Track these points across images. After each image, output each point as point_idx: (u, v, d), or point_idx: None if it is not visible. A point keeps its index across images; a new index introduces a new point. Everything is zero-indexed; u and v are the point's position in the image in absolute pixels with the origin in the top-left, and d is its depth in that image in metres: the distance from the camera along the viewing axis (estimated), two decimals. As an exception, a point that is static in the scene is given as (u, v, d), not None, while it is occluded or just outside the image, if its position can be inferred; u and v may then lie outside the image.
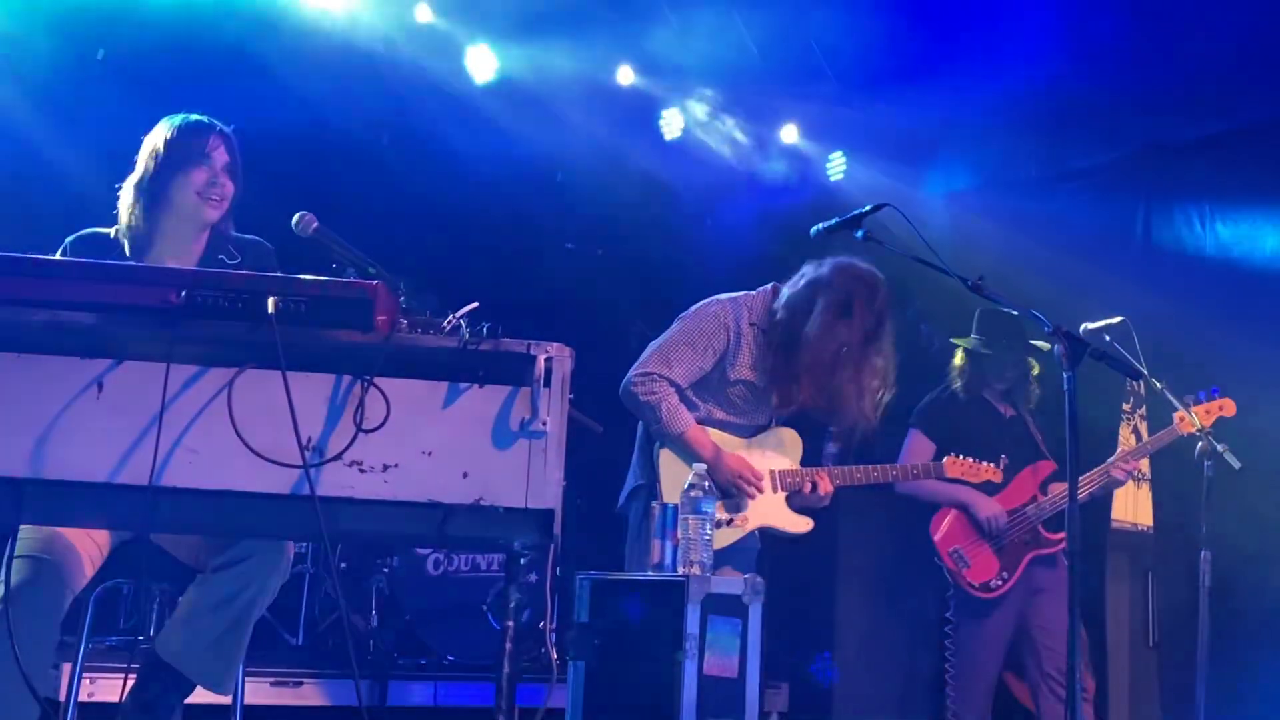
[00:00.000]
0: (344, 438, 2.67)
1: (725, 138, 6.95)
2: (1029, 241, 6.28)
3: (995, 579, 4.88)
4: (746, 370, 4.16)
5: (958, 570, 4.91)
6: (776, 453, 4.29)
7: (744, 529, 4.20)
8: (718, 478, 4.05)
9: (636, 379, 4.11)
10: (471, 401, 2.73)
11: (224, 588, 3.26)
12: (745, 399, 4.21)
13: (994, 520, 4.87)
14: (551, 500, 2.72)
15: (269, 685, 4.89)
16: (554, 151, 6.57)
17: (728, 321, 4.15)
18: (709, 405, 4.20)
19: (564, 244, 6.89)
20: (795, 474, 4.27)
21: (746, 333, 4.16)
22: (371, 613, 5.44)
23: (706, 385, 4.19)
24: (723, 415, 4.22)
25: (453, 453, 2.70)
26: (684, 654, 3.28)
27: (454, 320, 2.76)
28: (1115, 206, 6.38)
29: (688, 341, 4.13)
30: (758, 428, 4.29)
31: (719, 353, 4.14)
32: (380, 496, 2.69)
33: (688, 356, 4.12)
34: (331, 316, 2.67)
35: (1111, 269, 6.22)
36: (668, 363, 4.11)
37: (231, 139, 3.54)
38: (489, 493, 2.70)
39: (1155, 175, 6.23)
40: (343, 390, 2.70)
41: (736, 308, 4.19)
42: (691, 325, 4.17)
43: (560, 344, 2.78)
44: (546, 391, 2.74)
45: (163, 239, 3.49)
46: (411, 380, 2.73)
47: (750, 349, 4.16)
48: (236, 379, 2.67)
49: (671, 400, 4.08)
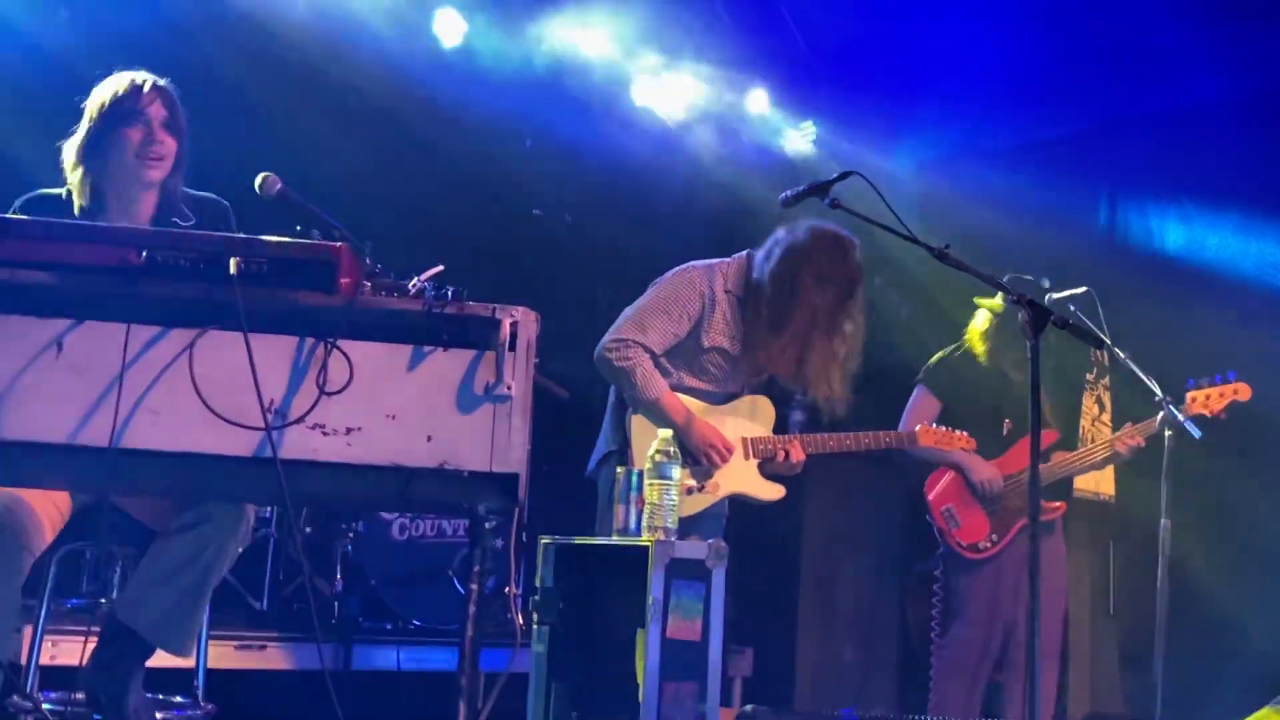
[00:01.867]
0: (306, 400, 2.66)
1: (694, 105, 6.92)
2: (995, 212, 6.30)
3: (985, 540, 4.92)
4: (721, 337, 4.17)
5: (947, 529, 4.95)
6: (749, 420, 4.29)
7: (715, 495, 4.21)
8: (689, 444, 4.06)
9: (611, 345, 4.10)
10: (436, 365, 2.72)
11: (184, 550, 3.24)
12: (719, 366, 4.22)
13: (989, 484, 4.90)
14: (516, 464, 2.72)
15: (233, 649, 4.88)
16: (523, 118, 6.52)
17: (703, 288, 4.15)
18: (681, 372, 4.20)
19: (531, 210, 6.85)
20: (767, 441, 4.28)
21: (721, 300, 4.16)
22: (336, 577, 5.42)
23: (680, 352, 4.19)
24: (695, 382, 4.22)
25: (417, 416, 2.70)
26: (648, 618, 3.29)
27: (419, 283, 2.75)
28: (1080, 178, 6.40)
29: (663, 308, 4.13)
30: (730, 395, 4.29)
31: (694, 319, 4.14)
32: (343, 459, 2.68)
33: (662, 323, 4.12)
34: (295, 278, 2.65)
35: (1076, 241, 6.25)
36: (642, 329, 4.10)
37: (169, 93, 3.45)
38: (453, 457, 2.69)
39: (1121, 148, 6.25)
40: (305, 352, 2.69)
41: (711, 274, 4.19)
42: (666, 292, 4.17)
43: (526, 308, 2.77)
44: (511, 355, 2.73)
45: (111, 200, 3.43)
46: (375, 343, 2.71)
47: (725, 316, 4.16)
48: (198, 340, 2.65)
49: (646, 366, 4.08)
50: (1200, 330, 5.56)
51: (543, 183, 6.80)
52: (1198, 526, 5.07)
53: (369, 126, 6.11)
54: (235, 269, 2.61)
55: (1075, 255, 5.94)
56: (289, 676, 4.97)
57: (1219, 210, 5.99)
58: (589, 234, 6.90)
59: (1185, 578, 4.95)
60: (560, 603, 3.61)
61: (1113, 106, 6.28)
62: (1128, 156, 6.28)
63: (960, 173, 6.76)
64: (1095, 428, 5.19)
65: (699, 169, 6.97)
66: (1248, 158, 5.77)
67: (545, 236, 6.85)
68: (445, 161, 6.25)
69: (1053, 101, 6.40)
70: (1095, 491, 5.16)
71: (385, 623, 5.47)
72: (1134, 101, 6.17)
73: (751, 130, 7.11)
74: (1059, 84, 6.30)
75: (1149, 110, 6.17)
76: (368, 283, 2.73)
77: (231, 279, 2.60)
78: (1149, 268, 6.16)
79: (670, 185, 7.09)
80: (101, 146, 3.40)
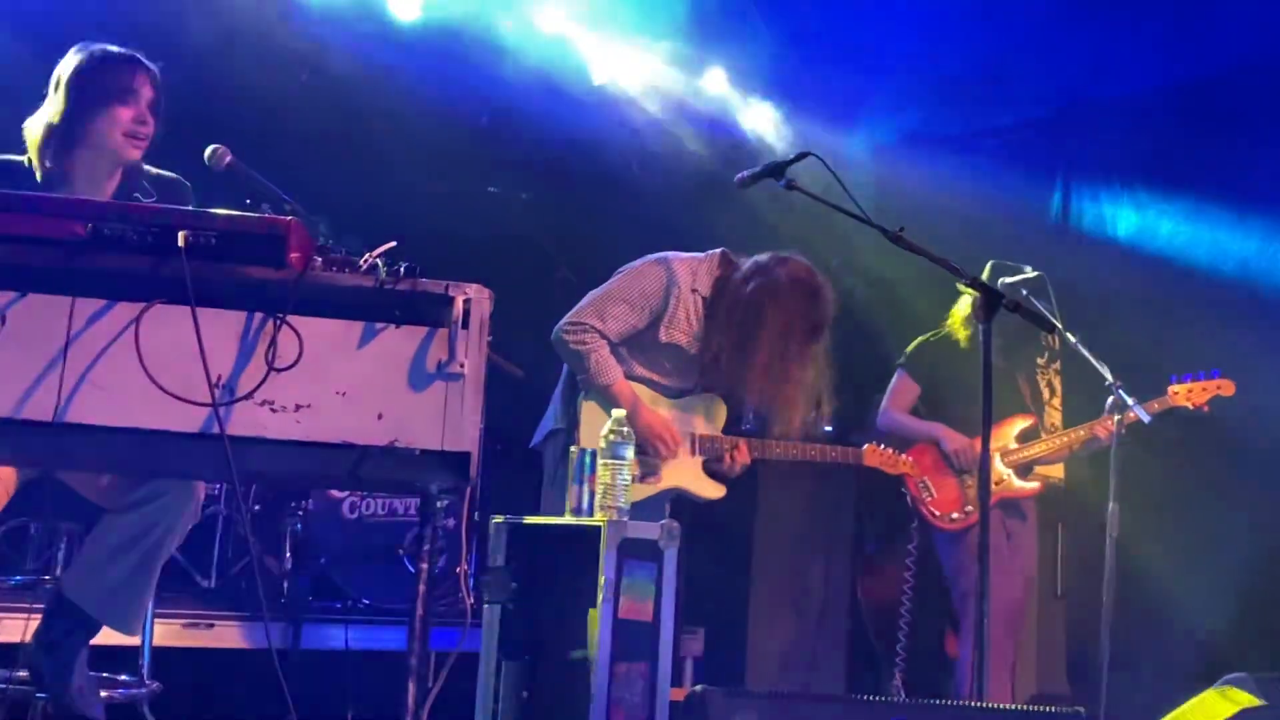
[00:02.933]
0: (255, 376, 2.63)
1: (651, 84, 6.90)
2: (950, 197, 6.33)
3: (958, 511, 4.99)
4: (681, 335, 4.15)
5: (920, 497, 5.02)
6: (699, 417, 4.30)
7: (655, 488, 4.21)
8: (635, 432, 4.05)
9: (569, 327, 4.08)
10: (387, 342, 2.70)
11: (132, 527, 3.21)
12: (673, 361, 4.21)
13: (961, 453, 4.98)
14: (468, 443, 2.70)
15: (180, 627, 4.84)
16: (481, 94, 6.48)
17: (670, 284, 4.13)
18: (635, 361, 4.19)
19: (487, 187, 6.81)
20: (715, 440, 4.29)
21: (687, 298, 4.13)
22: (285, 555, 5.38)
23: (637, 342, 4.18)
24: (648, 373, 4.21)
25: (367, 393, 2.68)
26: (600, 598, 3.29)
27: (371, 259, 2.72)
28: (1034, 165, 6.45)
29: (626, 298, 4.11)
30: (682, 390, 4.29)
31: (655, 313, 4.12)
32: (292, 437, 2.65)
33: (623, 313, 4.10)
34: (244, 252, 2.62)
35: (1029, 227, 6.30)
36: (602, 315, 4.09)
37: (156, 75, 3.42)
38: (404, 435, 2.67)
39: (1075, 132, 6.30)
40: (254, 328, 2.66)
41: (681, 271, 4.16)
42: (632, 282, 4.14)
43: (480, 285, 2.75)
44: (464, 333, 2.71)
45: (77, 175, 3.37)
46: (326, 319, 2.69)
47: (688, 315, 4.14)
48: (144, 314, 2.61)
49: (602, 352, 4.07)
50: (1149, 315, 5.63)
51: (499, 160, 6.76)
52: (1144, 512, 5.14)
53: (323, 101, 6.05)
54: (183, 242, 2.56)
55: (1028, 240, 5.99)
56: (236, 655, 4.93)
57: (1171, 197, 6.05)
58: (545, 212, 6.87)
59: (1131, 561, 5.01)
60: (512, 582, 3.60)
61: (1067, 93, 6.33)
62: (1081, 143, 6.34)
63: (916, 157, 6.79)
64: (1046, 411, 5.25)
65: (656, 148, 6.95)
66: (1200, 145, 5.83)
67: (501, 214, 6.81)
68: (400, 137, 6.19)
69: (1008, 88, 6.44)
70: (1046, 475, 5.21)
71: (334, 602, 5.44)
72: (1088, 87, 6.22)
73: (709, 110, 7.10)
74: (1014, 70, 6.34)
75: (1102, 96, 6.22)
76: (319, 258, 2.70)
77: (179, 252, 2.56)
78: (1101, 253, 6.22)
79: (627, 164, 7.07)
80: (84, 121, 3.32)
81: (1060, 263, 5.34)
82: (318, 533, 5.48)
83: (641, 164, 7.17)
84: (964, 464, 5.00)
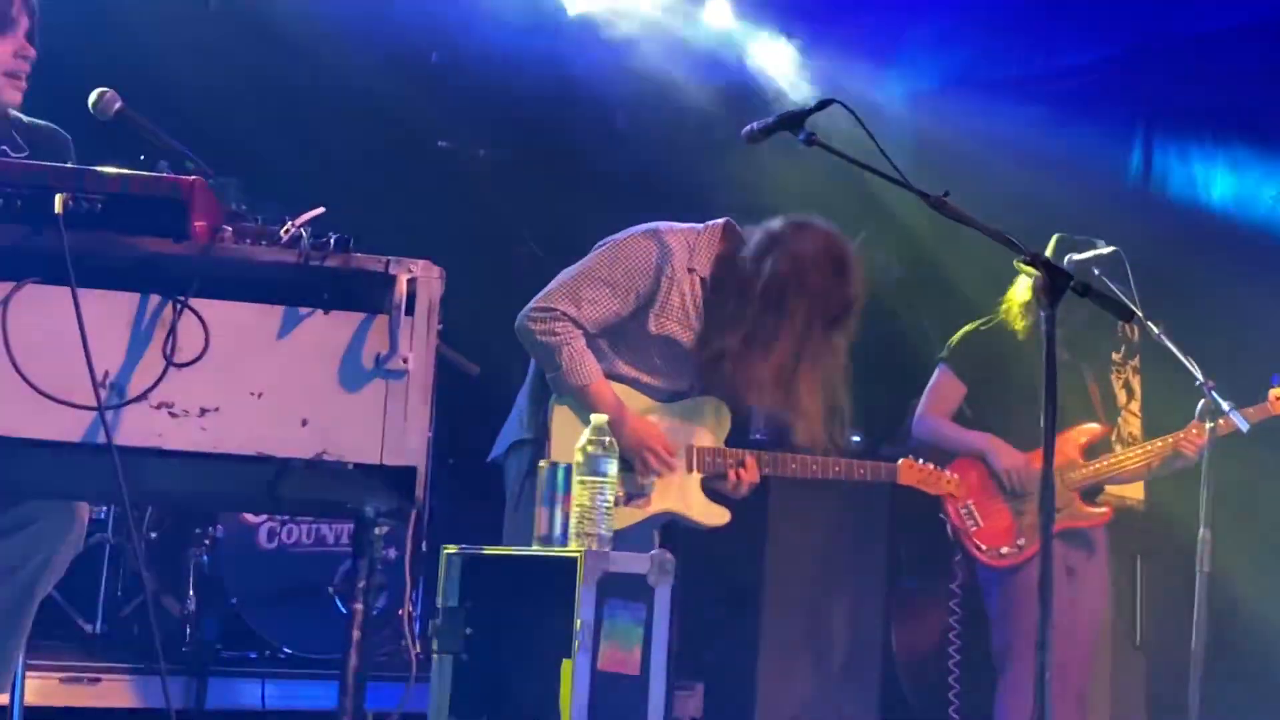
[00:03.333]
0: (151, 373, 2.63)
1: (639, 15, 6.90)
2: (1005, 154, 6.34)
3: (1009, 546, 4.97)
4: (674, 325, 4.14)
5: (963, 527, 5.00)
6: (698, 425, 4.29)
7: (644, 512, 4.20)
8: (620, 444, 4.04)
9: (536, 314, 4.07)
10: (314, 331, 2.70)
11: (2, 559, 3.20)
12: (665, 358, 4.20)
13: (1016, 473, 4.97)
14: (414, 456, 2.71)
15: (58, 682, 4.83)
16: (429, 28, 6.47)
17: (661, 262, 4.11)
18: (619, 358, 4.18)
19: (436, 141, 6.81)
20: (717, 453, 4.28)
21: (683, 279, 4.12)
22: (188, 594, 5.38)
23: (621, 334, 4.17)
24: (633, 372, 4.20)
25: (289, 394, 2.68)
26: (575, 646, 3.29)
27: (293, 229, 2.73)
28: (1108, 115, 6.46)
29: (606, 279, 4.09)
30: (676, 393, 4.28)
31: (642, 298, 4.11)
32: (197, 448, 2.66)
33: (603, 297, 4.08)
34: (136, 220, 2.62)
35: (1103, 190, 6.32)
36: (576, 300, 4.07)
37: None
38: (334, 445, 2.68)
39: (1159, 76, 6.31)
40: (150, 313, 2.66)
41: (675, 246, 4.14)
42: (614, 259, 4.13)
43: (428, 262, 2.76)
44: (409, 320, 2.72)
45: None
46: (238, 303, 2.69)
47: (684, 301, 4.12)
48: (13, 296, 2.61)
49: (577, 345, 4.05)
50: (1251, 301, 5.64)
51: (452, 108, 6.76)
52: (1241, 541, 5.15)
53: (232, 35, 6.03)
54: (61, 207, 2.56)
55: (1101, 208, 6.00)
56: (129, 716, 4.93)
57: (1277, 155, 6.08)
58: (508, 172, 6.87)
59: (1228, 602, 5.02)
60: (467, 627, 3.60)
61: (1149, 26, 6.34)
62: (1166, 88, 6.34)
63: (962, 107, 6.80)
64: (1122, 418, 5.26)
65: (645, 95, 6.95)
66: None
67: (453, 174, 6.80)
68: (330, 79, 6.19)
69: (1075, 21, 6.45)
70: (1120, 495, 5.22)
71: (249, 651, 5.45)
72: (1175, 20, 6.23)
73: (711, 47, 7.10)
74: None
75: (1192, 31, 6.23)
76: (228, 227, 2.70)
77: (56, 220, 2.56)
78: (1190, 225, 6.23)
79: (609, 114, 7.07)
80: None
81: (1140, 236, 5.35)
82: (228, 566, 5.48)
83: (627, 114, 7.17)
84: (1017, 486, 4.98)
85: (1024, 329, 5.10)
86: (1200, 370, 4.72)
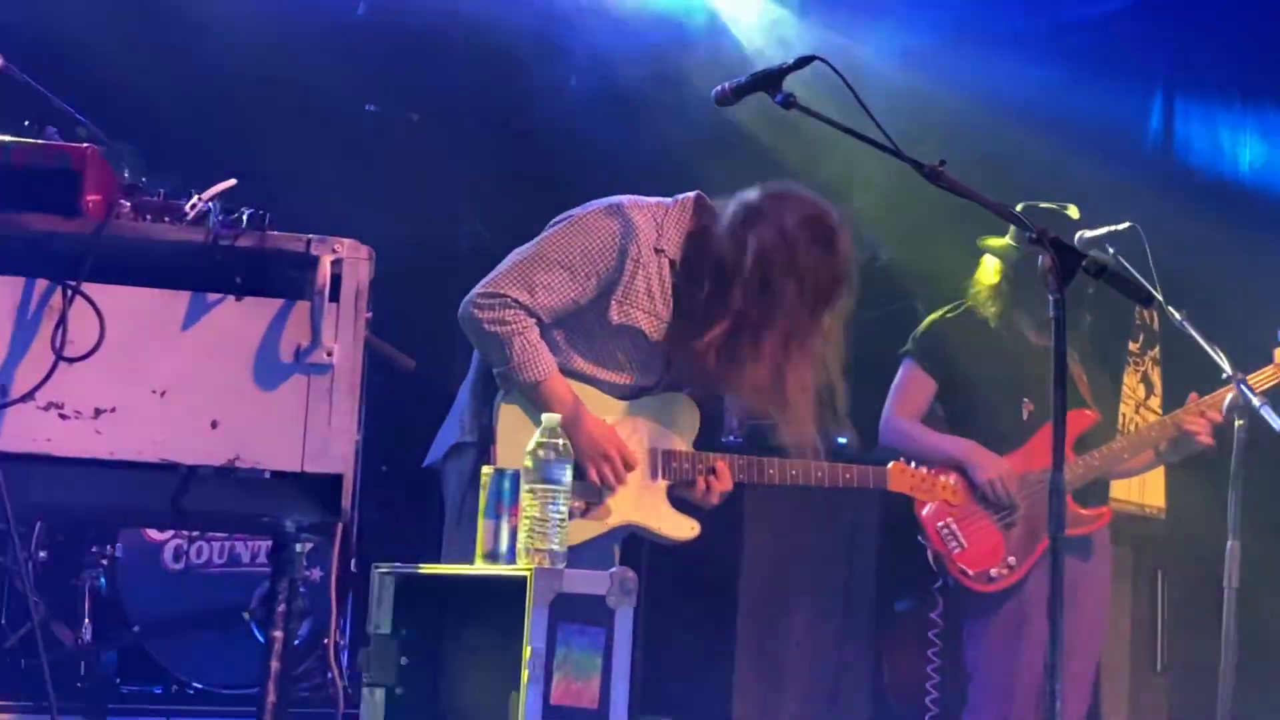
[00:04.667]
0: (38, 369, 2.62)
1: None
2: (1009, 117, 6.36)
3: (999, 566, 4.96)
4: (639, 313, 4.12)
5: (947, 551, 4.99)
6: (663, 426, 4.29)
7: (603, 525, 4.20)
8: (575, 450, 4.04)
9: (483, 300, 4.05)
10: (224, 320, 2.70)
11: None
12: (629, 351, 4.19)
13: (998, 484, 4.95)
14: (339, 463, 2.72)
15: (-66, 723, 4.83)
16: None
17: (624, 242, 4.10)
18: (575, 352, 4.18)
19: (364, 104, 6.79)
20: (684, 458, 4.28)
21: (649, 261, 4.11)
22: (83, 621, 5.37)
23: (578, 325, 4.16)
24: (591, 368, 4.19)
25: (196, 393, 2.68)
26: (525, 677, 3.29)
27: (201, 203, 2.72)
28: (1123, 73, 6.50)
29: (563, 261, 4.08)
30: (641, 389, 4.28)
31: (604, 283, 4.10)
32: (91, 454, 2.65)
33: (560, 282, 4.06)
34: (20, 194, 2.62)
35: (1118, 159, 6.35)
36: (530, 285, 4.06)
37: None
38: (249, 450, 2.68)
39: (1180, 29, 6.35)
40: (36, 300, 2.65)
41: (641, 223, 4.12)
42: (572, 239, 4.11)
43: (354, 241, 2.76)
44: (333, 307, 2.72)
45: None
46: (137, 288, 2.69)
47: (650, 286, 4.11)
48: (-122, 282, 2.60)
49: (530, 336, 4.04)
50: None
51: (380, 67, 6.74)
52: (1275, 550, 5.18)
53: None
54: (-68, 180, 2.56)
55: (1116, 178, 6.03)
56: (15, 761, 4.93)
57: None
58: (446, 140, 6.85)
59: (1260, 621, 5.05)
60: (402, 656, 3.59)
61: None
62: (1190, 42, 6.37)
63: (960, 64, 6.82)
64: (1140, 415, 5.28)
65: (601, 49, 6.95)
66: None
67: (383, 142, 6.79)
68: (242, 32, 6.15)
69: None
70: (1139, 503, 5.25)
71: (153, 685, 5.45)
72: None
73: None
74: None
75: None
76: (126, 202, 2.70)
77: (-73, 194, 2.56)
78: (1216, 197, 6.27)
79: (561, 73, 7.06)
80: None
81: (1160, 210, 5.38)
82: (129, 590, 5.47)
83: (581, 73, 7.17)
84: (1002, 498, 4.99)
85: (994, 315, 5.12)
86: (1228, 361, 4.72)
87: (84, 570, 5.45)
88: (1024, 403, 4.99)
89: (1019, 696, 4.95)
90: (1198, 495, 5.22)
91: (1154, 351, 5.51)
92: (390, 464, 5.75)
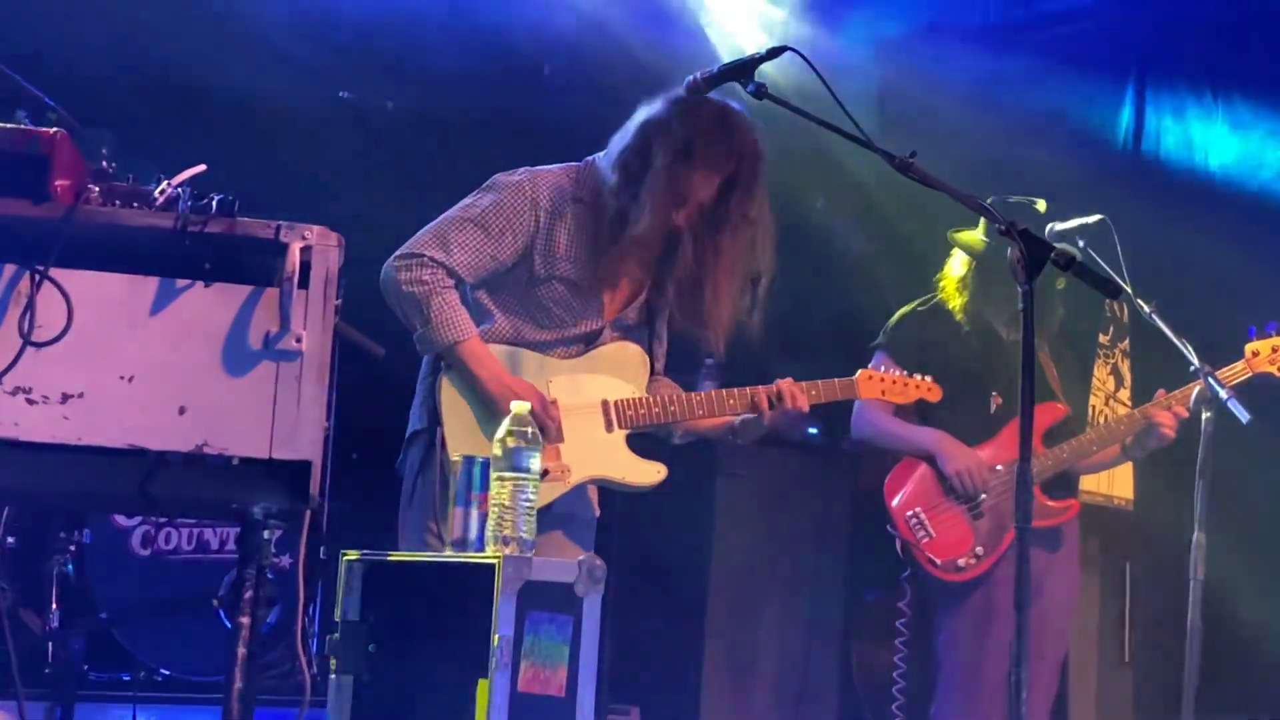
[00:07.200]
0: (4, 354, 2.62)
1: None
2: (979, 111, 6.37)
3: (966, 556, 4.98)
4: (566, 264, 4.15)
5: (915, 541, 5.00)
6: (611, 375, 4.28)
7: (566, 484, 4.19)
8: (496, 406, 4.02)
9: (400, 261, 4.06)
10: (193, 306, 2.70)
11: None
12: (563, 305, 4.20)
13: (967, 475, 4.97)
14: (308, 449, 2.73)
15: (-102, 710, 4.80)
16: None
17: (538, 195, 4.13)
18: (503, 312, 4.18)
19: (337, 91, 6.78)
20: (638, 405, 4.27)
21: (568, 211, 4.14)
22: (51, 608, 5.35)
23: (509, 287, 4.17)
24: (523, 327, 4.20)
25: (165, 378, 2.68)
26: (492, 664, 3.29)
27: (170, 189, 2.72)
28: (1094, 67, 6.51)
29: (476, 219, 4.10)
30: (583, 340, 4.28)
31: (522, 238, 4.12)
32: (58, 439, 2.65)
33: (474, 239, 4.09)
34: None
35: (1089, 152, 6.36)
36: (444, 243, 4.07)
37: None
38: (217, 436, 2.68)
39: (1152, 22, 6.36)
40: (3, 285, 2.65)
41: (552, 178, 4.17)
42: (484, 198, 4.15)
43: (324, 228, 2.77)
44: (303, 294, 2.72)
45: None
46: (105, 274, 2.69)
47: (571, 233, 4.14)
48: None
49: (448, 297, 4.04)
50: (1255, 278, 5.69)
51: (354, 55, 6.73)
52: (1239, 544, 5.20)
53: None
54: (-101, 164, 2.55)
55: (1087, 171, 6.05)
56: (-19, 749, 4.91)
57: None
58: (419, 127, 6.85)
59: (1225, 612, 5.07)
60: (369, 643, 3.59)
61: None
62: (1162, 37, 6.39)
63: (933, 56, 6.82)
64: (1109, 407, 5.30)
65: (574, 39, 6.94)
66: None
67: (356, 129, 6.77)
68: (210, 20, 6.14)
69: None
70: (1107, 495, 5.26)
71: (120, 672, 5.43)
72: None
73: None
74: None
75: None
76: (95, 187, 2.70)
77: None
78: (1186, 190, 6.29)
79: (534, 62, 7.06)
80: None
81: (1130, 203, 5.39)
82: (97, 576, 5.45)
83: (554, 63, 7.16)
84: (970, 488, 5.01)
85: (960, 307, 5.14)
86: (1195, 354, 4.74)
87: (51, 556, 5.43)
88: (992, 396, 5.01)
89: (986, 685, 4.98)
90: (1165, 487, 5.23)
91: (1124, 344, 5.52)
92: (361, 452, 5.73)
